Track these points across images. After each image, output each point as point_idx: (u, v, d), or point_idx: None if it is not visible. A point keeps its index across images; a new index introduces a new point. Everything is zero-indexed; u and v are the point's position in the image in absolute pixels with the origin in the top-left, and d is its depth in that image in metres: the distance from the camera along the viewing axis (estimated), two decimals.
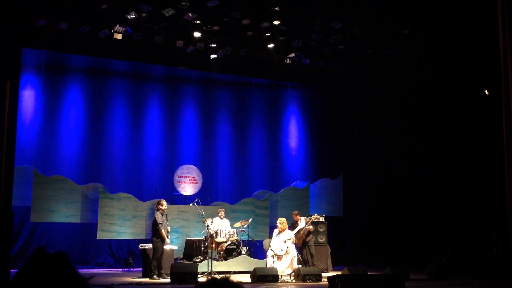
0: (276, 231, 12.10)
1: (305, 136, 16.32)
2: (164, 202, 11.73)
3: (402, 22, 12.84)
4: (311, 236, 12.83)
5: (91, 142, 14.07)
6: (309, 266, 12.11)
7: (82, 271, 5.15)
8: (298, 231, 12.46)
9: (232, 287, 1.97)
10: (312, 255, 12.68)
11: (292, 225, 12.54)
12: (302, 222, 12.59)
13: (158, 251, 11.28)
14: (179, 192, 14.71)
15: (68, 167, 13.70)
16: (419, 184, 15.04)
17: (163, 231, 11.31)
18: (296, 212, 12.90)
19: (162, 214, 11.51)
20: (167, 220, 11.75)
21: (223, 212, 12.99)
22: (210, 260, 11.31)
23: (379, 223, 15.46)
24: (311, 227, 12.69)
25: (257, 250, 13.47)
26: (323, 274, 11.33)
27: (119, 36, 12.53)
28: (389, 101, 15.65)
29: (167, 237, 11.47)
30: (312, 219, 12.79)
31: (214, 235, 12.21)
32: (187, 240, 13.08)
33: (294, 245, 12.02)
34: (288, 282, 10.98)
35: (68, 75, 13.95)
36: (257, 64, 14.61)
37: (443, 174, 14.51)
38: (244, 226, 12.74)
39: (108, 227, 13.67)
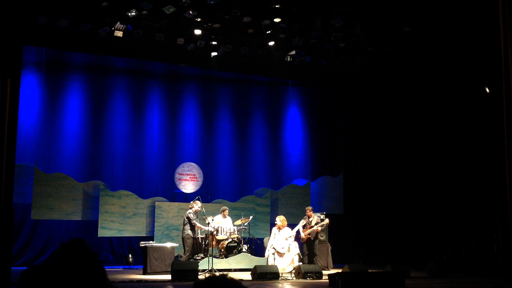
0: (275, 228, 12.12)
1: (306, 134, 16.31)
2: (198, 202, 12.52)
3: (403, 20, 12.82)
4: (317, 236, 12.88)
5: (91, 140, 14.07)
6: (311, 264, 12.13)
7: None
8: (306, 228, 12.50)
9: (230, 284, 1.97)
10: (315, 255, 12.69)
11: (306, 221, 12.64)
12: (314, 221, 12.60)
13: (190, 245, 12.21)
14: (179, 190, 14.73)
15: (69, 165, 13.71)
16: (420, 181, 15.02)
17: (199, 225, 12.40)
18: (310, 208, 12.93)
19: (195, 213, 12.43)
20: (197, 218, 12.48)
21: (226, 211, 12.97)
22: (211, 257, 11.33)
23: (380, 220, 15.46)
24: (319, 228, 12.70)
25: (258, 248, 13.47)
26: (324, 272, 11.35)
27: (119, 34, 12.52)
28: (390, 99, 15.63)
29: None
30: (325, 223, 12.70)
31: (215, 232, 12.23)
32: None
33: (295, 243, 12.05)
34: (288, 279, 10.99)
35: (69, 73, 13.94)
36: (258, 61, 14.61)
37: (443, 172, 14.49)
38: (245, 224, 12.75)
39: (109, 224, 13.69)
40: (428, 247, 14.06)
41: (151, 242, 12.60)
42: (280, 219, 12.08)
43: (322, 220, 12.85)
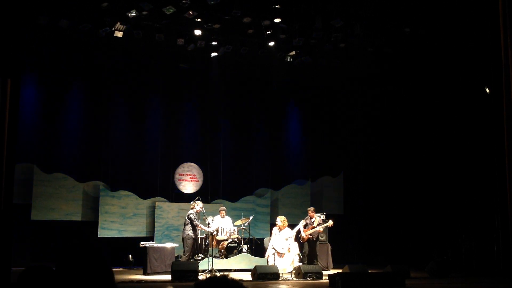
0: (275, 229, 12.11)
1: (306, 134, 16.31)
2: (200, 203, 12.31)
3: (403, 20, 12.82)
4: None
5: (91, 140, 14.09)
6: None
7: None
8: (307, 229, 12.50)
9: (230, 284, 1.97)
10: (316, 256, 12.69)
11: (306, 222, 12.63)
12: (316, 221, 12.60)
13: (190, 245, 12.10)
14: (180, 190, 14.73)
15: (69, 165, 13.72)
16: (420, 182, 15.02)
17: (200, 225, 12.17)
18: (312, 208, 12.93)
19: (196, 213, 12.25)
20: (199, 218, 12.28)
21: (223, 212, 12.93)
22: (211, 258, 11.33)
23: (380, 221, 15.45)
24: (321, 229, 12.71)
25: (258, 248, 13.46)
26: (324, 272, 11.35)
27: (120, 34, 12.53)
28: (390, 99, 15.63)
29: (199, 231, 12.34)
30: (328, 224, 12.69)
31: (215, 233, 12.22)
32: None
33: (295, 243, 12.04)
34: (289, 280, 10.98)
35: (69, 73, 13.94)
36: (258, 62, 14.61)
37: (444, 172, 14.49)
38: (245, 224, 12.74)
39: (109, 225, 13.69)
40: (428, 247, 14.06)
41: (151, 242, 12.58)
42: (281, 220, 12.07)
43: (324, 220, 12.84)
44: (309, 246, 12.58)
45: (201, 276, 10.76)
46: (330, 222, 12.66)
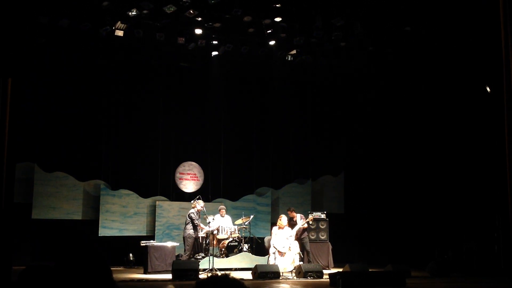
0: (275, 228, 12.14)
1: (307, 133, 16.30)
2: (201, 202, 12.41)
3: (404, 20, 12.81)
4: (305, 233, 12.90)
5: (92, 139, 14.08)
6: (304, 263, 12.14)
7: None
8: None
9: (232, 284, 1.97)
10: (308, 252, 12.72)
11: (288, 222, 12.57)
12: (298, 219, 12.63)
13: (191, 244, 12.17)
14: (180, 189, 14.73)
15: (70, 164, 13.72)
16: (421, 181, 15.01)
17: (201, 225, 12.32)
18: (292, 208, 13.00)
19: (197, 212, 12.30)
20: (199, 217, 12.36)
21: (223, 211, 12.96)
22: (212, 257, 11.33)
23: (380, 220, 15.45)
24: (305, 225, 12.75)
25: (259, 247, 13.47)
26: (324, 271, 11.36)
27: (120, 33, 12.53)
28: (391, 99, 15.62)
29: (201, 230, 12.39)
30: (308, 220, 12.80)
31: (216, 232, 12.24)
32: None
33: (296, 242, 12.06)
34: (289, 279, 10.99)
35: (70, 72, 13.93)
36: (258, 61, 14.60)
37: (445, 171, 14.48)
38: (246, 223, 12.75)
39: (110, 224, 13.70)
40: (429, 246, 14.06)
41: (151, 241, 12.60)
42: (287, 219, 12.23)
43: (302, 219, 12.86)
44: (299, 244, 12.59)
45: (202, 275, 10.77)
46: (310, 217, 12.96)
